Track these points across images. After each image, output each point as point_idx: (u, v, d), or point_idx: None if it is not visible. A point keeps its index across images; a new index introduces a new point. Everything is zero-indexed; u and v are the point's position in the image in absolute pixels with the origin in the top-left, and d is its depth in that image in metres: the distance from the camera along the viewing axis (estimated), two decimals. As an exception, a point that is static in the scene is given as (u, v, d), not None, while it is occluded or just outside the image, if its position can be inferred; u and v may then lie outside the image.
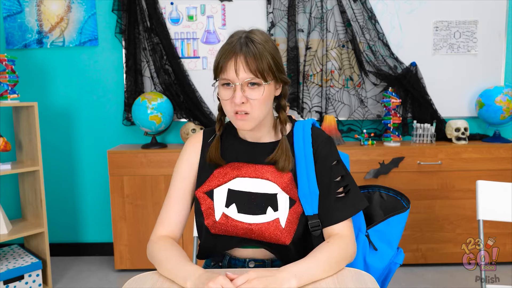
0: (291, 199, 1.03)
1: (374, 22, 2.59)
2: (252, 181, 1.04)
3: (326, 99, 2.67)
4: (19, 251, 2.46)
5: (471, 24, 2.63)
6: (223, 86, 0.99)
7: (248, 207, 1.03)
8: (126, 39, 2.60)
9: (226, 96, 0.99)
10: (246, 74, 0.96)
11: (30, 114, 2.30)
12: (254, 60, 0.95)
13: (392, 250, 1.12)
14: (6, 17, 2.67)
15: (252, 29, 1.02)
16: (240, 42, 0.97)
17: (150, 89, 2.69)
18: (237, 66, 0.95)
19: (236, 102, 0.96)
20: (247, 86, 0.97)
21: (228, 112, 1.01)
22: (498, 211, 1.43)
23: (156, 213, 2.47)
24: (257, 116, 1.00)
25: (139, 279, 0.96)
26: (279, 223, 1.02)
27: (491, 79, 2.66)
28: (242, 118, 0.99)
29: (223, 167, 1.07)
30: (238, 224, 1.03)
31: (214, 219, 1.04)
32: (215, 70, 1.00)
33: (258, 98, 0.97)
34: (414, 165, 2.43)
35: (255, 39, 0.98)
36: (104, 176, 2.72)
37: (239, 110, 0.98)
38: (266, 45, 0.98)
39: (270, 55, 0.98)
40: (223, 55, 0.97)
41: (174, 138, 2.80)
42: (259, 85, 0.98)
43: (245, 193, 1.04)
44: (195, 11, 2.65)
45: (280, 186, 1.03)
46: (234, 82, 0.96)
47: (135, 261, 2.52)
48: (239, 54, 0.95)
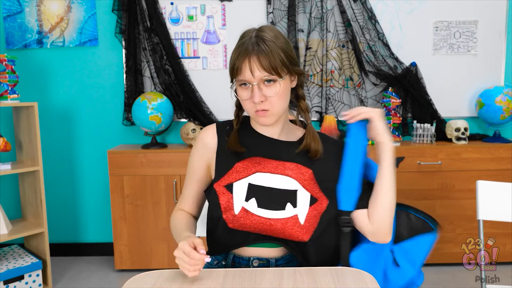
0: (312, 197, 1.04)
1: (374, 22, 2.59)
2: (272, 176, 1.05)
3: (326, 99, 2.67)
4: (19, 251, 2.47)
5: (471, 24, 2.63)
6: (240, 86, 1.02)
7: (268, 202, 1.04)
8: (126, 39, 2.60)
9: (245, 96, 1.02)
10: (261, 73, 0.98)
11: (30, 114, 2.30)
12: (267, 58, 0.97)
13: (414, 270, 1.09)
14: (6, 17, 2.67)
15: (261, 26, 1.04)
16: (252, 42, 0.99)
17: (150, 89, 2.69)
18: (251, 66, 0.97)
19: (255, 101, 0.99)
20: (264, 84, 1.00)
21: (249, 111, 1.05)
22: (498, 211, 1.43)
23: (156, 213, 2.47)
24: (277, 111, 1.03)
25: (139, 279, 0.96)
26: (298, 219, 1.02)
27: (491, 79, 2.66)
28: (263, 115, 1.02)
29: (243, 161, 1.07)
30: (258, 219, 1.03)
31: (233, 213, 1.04)
32: (231, 72, 1.03)
33: (275, 95, 1.00)
34: (414, 165, 2.43)
35: (266, 36, 0.99)
36: (104, 176, 2.72)
37: (260, 109, 1.01)
38: (277, 41, 1.00)
39: (281, 50, 1.00)
40: (237, 56, 1.00)
41: (174, 138, 2.80)
42: (274, 81, 1.00)
43: (265, 188, 1.05)
44: (195, 11, 2.65)
45: (300, 183, 1.05)
46: (250, 82, 0.99)
47: (135, 261, 2.52)
48: (251, 54, 0.97)
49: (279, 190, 1.04)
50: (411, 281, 1.10)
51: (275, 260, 1.08)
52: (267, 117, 1.02)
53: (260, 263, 1.08)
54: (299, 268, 1.01)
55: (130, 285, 0.93)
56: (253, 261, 1.08)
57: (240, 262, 1.09)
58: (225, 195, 1.05)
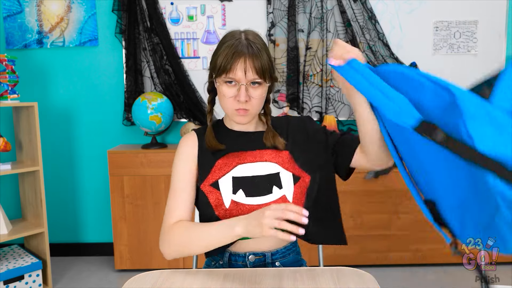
0: (294, 176, 1.09)
1: (374, 22, 2.59)
2: (253, 165, 1.10)
3: (326, 99, 2.67)
4: (19, 251, 2.47)
5: (471, 24, 2.63)
6: (225, 84, 1.05)
7: (255, 190, 1.07)
8: (126, 39, 2.60)
9: (230, 93, 1.05)
10: (252, 75, 1.02)
11: (30, 114, 2.31)
12: (259, 62, 1.02)
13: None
14: (6, 17, 2.67)
15: (247, 30, 1.08)
16: (244, 44, 1.02)
17: (150, 89, 2.69)
18: (245, 66, 1.01)
19: (241, 99, 1.03)
20: (250, 86, 1.04)
21: (227, 108, 1.08)
22: (498, 211, 1.42)
23: (156, 213, 2.47)
24: (255, 112, 1.08)
25: (139, 279, 0.96)
26: (286, 199, 1.07)
27: (491, 79, 2.66)
28: (244, 114, 1.06)
29: (223, 158, 1.11)
30: (249, 207, 1.05)
31: (224, 208, 1.06)
32: (218, 69, 1.04)
33: (259, 97, 1.05)
34: (414, 165, 2.43)
35: (255, 41, 1.04)
36: (104, 176, 2.72)
37: (241, 107, 1.05)
38: (264, 46, 1.06)
39: (267, 55, 1.05)
40: (230, 55, 1.01)
41: (174, 138, 2.80)
42: (260, 84, 1.05)
43: (249, 178, 1.09)
44: (195, 11, 2.65)
45: (281, 165, 1.10)
46: (239, 82, 1.03)
47: (135, 261, 2.52)
48: (247, 56, 1.01)
49: (262, 176, 1.09)
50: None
51: (270, 254, 1.10)
52: (246, 117, 1.07)
53: (256, 258, 1.09)
54: (299, 268, 1.01)
55: (130, 285, 0.93)
56: (249, 257, 1.09)
57: (236, 259, 1.10)
58: (213, 193, 1.08)
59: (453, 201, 0.81)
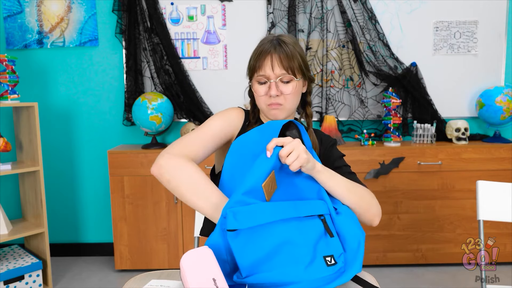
0: None
1: (374, 22, 2.59)
2: None
3: (327, 99, 2.67)
4: (19, 251, 2.47)
5: (471, 24, 2.63)
6: (258, 84, 1.10)
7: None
8: (126, 39, 2.60)
9: (262, 91, 1.10)
10: (280, 71, 1.07)
11: (30, 114, 2.31)
12: (287, 59, 1.07)
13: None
14: (7, 17, 2.67)
15: (281, 34, 1.14)
16: (274, 43, 1.08)
17: (150, 89, 2.70)
18: (272, 63, 1.06)
19: (272, 94, 1.07)
20: (281, 82, 1.08)
21: (262, 105, 1.12)
22: (498, 211, 1.43)
23: (157, 213, 2.47)
24: (289, 107, 1.11)
25: (139, 279, 0.96)
26: None
27: (491, 79, 2.66)
28: (276, 107, 1.09)
29: None
30: None
31: None
32: (251, 69, 1.11)
33: (290, 92, 1.08)
34: (414, 165, 2.43)
35: (286, 40, 1.09)
36: (104, 176, 2.72)
37: (274, 102, 1.08)
38: (296, 47, 1.10)
39: (299, 55, 1.10)
40: (258, 55, 1.08)
41: (174, 138, 2.80)
42: (290, 81, 1.09)
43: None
44: (195, 11, 2.65)
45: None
46: (269, 79, 1.08)
47: (135, 261, 2.52)
48: (273, 53, 1.07)
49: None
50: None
51: None
52: (280, 110, 1.10)
53: None
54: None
55: (130, 285, 0.93)
56: None
57: None
58: None
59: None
